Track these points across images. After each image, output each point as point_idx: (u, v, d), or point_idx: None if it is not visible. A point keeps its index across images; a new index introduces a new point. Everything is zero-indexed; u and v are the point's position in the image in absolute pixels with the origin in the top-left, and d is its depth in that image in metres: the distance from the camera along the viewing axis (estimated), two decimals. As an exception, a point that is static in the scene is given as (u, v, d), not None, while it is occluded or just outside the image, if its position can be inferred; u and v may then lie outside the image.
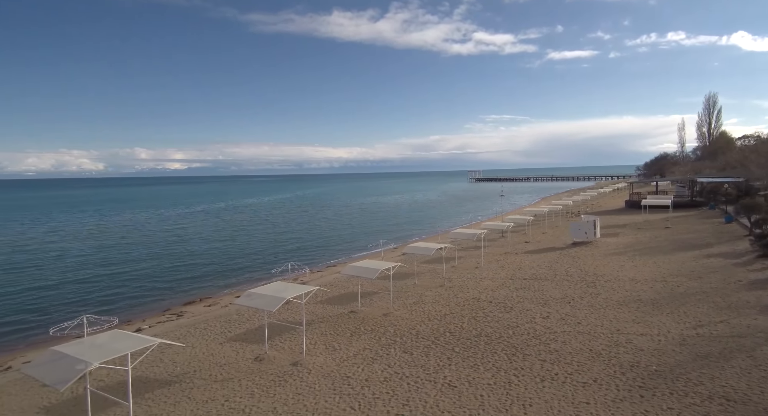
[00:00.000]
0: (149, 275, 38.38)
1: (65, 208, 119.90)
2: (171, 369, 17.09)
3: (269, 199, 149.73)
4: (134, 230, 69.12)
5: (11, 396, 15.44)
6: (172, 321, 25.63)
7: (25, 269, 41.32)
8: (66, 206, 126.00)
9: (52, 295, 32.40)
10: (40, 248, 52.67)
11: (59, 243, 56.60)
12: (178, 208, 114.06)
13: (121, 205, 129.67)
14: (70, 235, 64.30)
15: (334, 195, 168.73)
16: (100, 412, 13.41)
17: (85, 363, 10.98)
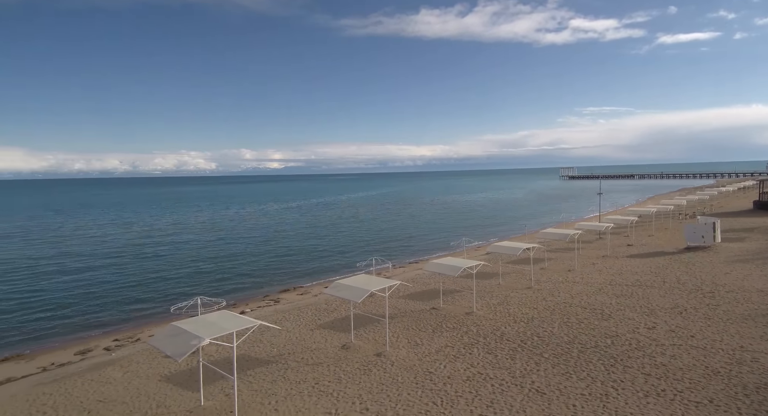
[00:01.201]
0: (251, 265, 42.17)
1: (184, 203, 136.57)
2: (269, 349, 18.65)
3: (355, 196, 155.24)
4: (239, 224, 76.33)
5: (139, 364, 18.06)
6: (270, 306, 27.90)
7: (151, 255, 47.89)
8: (185, 201, 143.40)
9: (172, 278, 37.18)
10: (163, 238, 60.68)
11: (179, 234, 64.64)
12: (276, 204, 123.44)
13: (228, 201, 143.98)
14: (187, 227, 73.13)
15: (417, 193, 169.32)
16: (210, 384, 15.10)
17: (199, 338, 12.45)
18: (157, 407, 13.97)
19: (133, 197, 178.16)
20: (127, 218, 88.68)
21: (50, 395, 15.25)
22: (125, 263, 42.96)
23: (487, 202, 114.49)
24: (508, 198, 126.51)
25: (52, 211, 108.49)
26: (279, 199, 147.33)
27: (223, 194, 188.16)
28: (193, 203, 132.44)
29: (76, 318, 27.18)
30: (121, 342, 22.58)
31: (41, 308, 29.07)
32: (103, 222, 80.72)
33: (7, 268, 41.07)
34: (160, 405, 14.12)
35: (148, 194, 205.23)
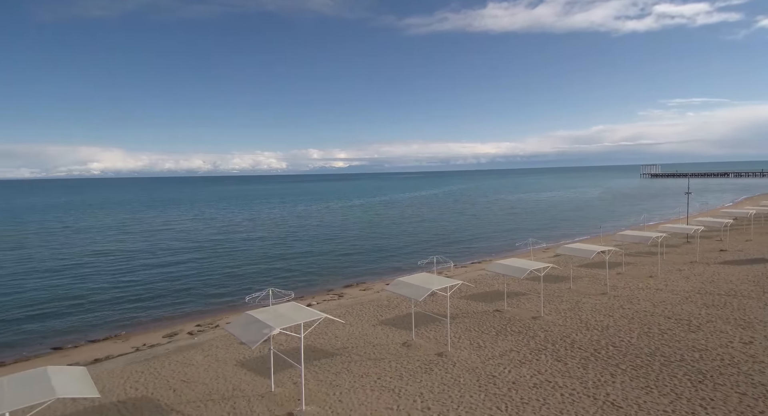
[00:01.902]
0: (317, 260, 43.85)
1: (258, 200, 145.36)
2: (333, 342, 19.29)
3: (417, 195, 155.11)
4: (306, 221, 79.66)
5: (218, 349, 19.52)
6: (334, 300, 28.82)
7: (229, 249, 51.51)
8: (259, 198, 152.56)
9: (246, 271, 39.75)
10: (239, 233, 65.03)
11: (253, 230, 68.93)
12: (341, 202, 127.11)
13: (297, 198, 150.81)
14: (260, 223, 77.75)
15: (481, 191, 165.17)
16: (279, 371, 15.95)
17: (270, 328, 13.20)
18: (232, 390, 15.04)
19: (214, 193, 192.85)
20: (209, 214, 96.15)
21: (141, 373, 17.02)
22: (206, 256, 46.63)
23: (557, 201, 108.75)
24: (580, 197, 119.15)
25: (145, 206, 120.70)
26: (343, 197, 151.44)
27: (292, 192, 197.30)
28: (266, 201, 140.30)
29: (165, 304, 30.04)
30: (202, 328, 24.60)
31: (135, 294, 32.49)
32: (187, 217, 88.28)
33: (107, 259, 46.38)
34: (235, 388, 15.18)
35: (226, 191, 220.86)
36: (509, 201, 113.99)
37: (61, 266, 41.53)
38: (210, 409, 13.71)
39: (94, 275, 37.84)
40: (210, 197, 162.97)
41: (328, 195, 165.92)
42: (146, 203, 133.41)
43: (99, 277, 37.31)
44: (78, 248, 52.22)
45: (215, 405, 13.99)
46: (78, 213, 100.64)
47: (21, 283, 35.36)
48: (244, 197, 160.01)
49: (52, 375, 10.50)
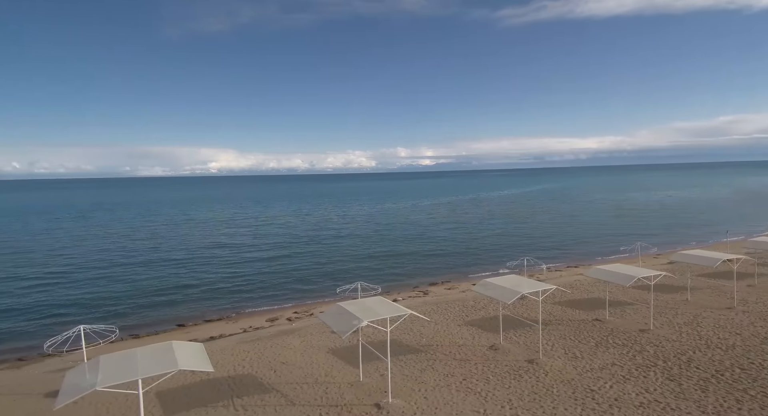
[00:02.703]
0: (404, 256, 44.50)
1: (350, 196, 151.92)
2: (418, 338, 19.48)
3: (507, 193, 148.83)
4: (394, 218, 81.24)
5: (312, 336, 20.86)
6: (419, 297, 29.03)
7: (322, 243, 54.62)
8: (350, 195, 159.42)
9: (338, 264, 41.83)
10: (332, 228, 68.60)
11: (344, 225, 72.25)
12: (428, 200, 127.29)
13: (386, 196, 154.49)
14: (351, 219, 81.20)
15: (580, 190, 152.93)
16: (367, 362, 16.56)
17: (359, 319, 13.77)
18: (325, 375, 16.00)
19: (310, 191, 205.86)
20: (306, 210, 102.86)
21: (248, 352, 18.89)
22: (302, 250, 50.01)
23: (673, 202, 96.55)
24: (703, 198, 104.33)
25: (253, 202, 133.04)
26: (430, 195, 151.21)
27: (381, 190, 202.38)
28: (356, 198, 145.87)
29: (267, 292, 32.91)
30: (299, 315, 26.50)
31: (243, 281, 36.08)
32: (287, 213, 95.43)
33: (221, 251, 52.06)
34: (327, 374, 16.13)
35: (321, 188, 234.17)
36: (614, 201, 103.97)
37: (184, 256, 47.67)
38: (305, 392, 14.75)
39: (210, 264, 42.81)
40: (307, 194, 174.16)
41: (415, 193, 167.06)
42: (254, 199, 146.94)
43: (214, 266, 42.12)
44: (197, 239, 59.47)
45: (309, 388, 15.01)
46: (199, 208, 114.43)
47: (153, 269, 41.35)
48: (337, 195, 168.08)
49: (176, 349, 12.16)
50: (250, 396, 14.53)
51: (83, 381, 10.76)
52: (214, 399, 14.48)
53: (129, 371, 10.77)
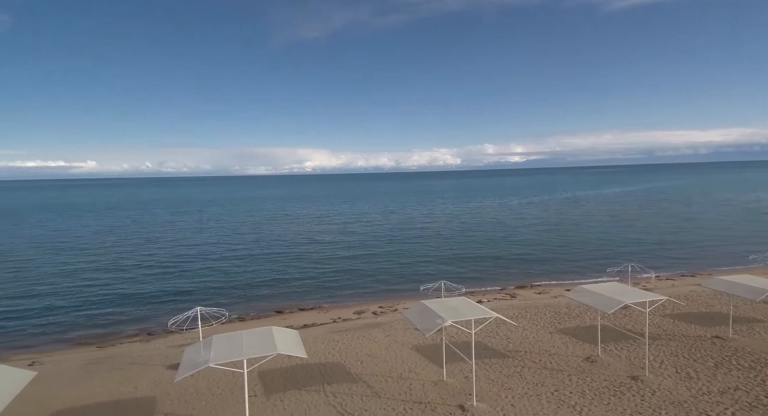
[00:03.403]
0: (490, 256, 43.20)
1: (434, 194, 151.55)
2: (504, 343, 18.82)
3: (608, 192, 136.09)
4: (480, 217, 79.20)
5: (396, 331, 21.28)
6: (505, 300, 28.00)
7: (406, 241, 55.25)
8: (435, 193, 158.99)
9: (422, 261, 42.03)
10: (416, 226, 69.06)
11: (429, 223, 72.29)
12: (516, 198, 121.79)
13: (471, 194, 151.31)
14: (435, 217, 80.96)
15: (698, 189, 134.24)
16: (451, 363, 16.46)
17: (442, 319, 13.74)
18: (408, 371, 16.26)
19: (396, 189, 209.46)
20: (391, 207, 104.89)
21: (337, 342, 19.90)
22: (387, 246, 51.11)
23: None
24: None
25: (342, 199, 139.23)
26: (519, 193, 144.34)
27: (466, 187, 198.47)
28: (441, 196, 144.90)
29: (355, 285, 34.33)
30: (384, 310, 27.22)
31: (334, 274, 38.02)
32: (373, 210, 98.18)
33: (312, 246, 55.33)
34: (411, 370, 16.37)
35: (406, 186, 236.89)
36: (742, 202, 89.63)
37: (282, 249, 51.62)
38: (389, 385, 15.14)
39: (304, 258, 45.82)
40: (392, 192, 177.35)
41: (503, 191, 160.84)
42: (343, 197, 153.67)
43: (307, 259, 45.00)
44: (292, 234, 63.94)
45: (394, 382, 15.38)
46: (294, 204, 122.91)
47: (256, 260, 45.41)
48: (421, 193, 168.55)
49: (275, 334, 13.28)
50: (339, 384, 15.33)
51: (199, 357, 12.27)
52: (306, 383, 15.54)
53: (236, 351, 12.04)
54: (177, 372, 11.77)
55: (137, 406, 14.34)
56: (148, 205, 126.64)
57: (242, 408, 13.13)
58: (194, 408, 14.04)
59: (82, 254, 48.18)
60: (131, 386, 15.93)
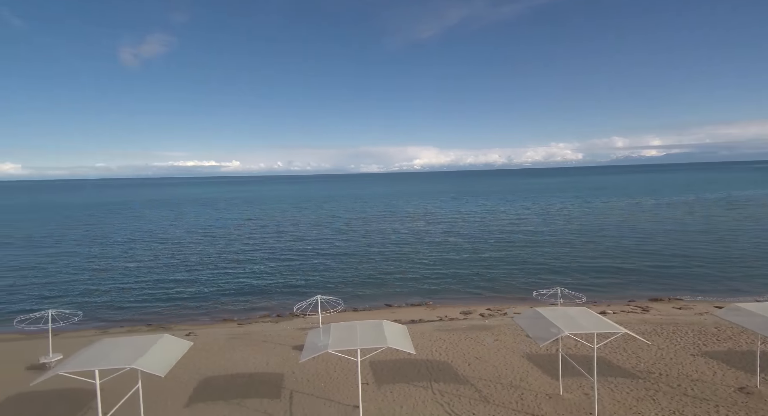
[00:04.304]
0: (615, 261, 38.86)
1: (550, 192, 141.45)
2: (634, 362, 16.85)
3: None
4: (604, 218, 71.57)
5: (506, 336, 20.48)
6: (635, 313, 24.98)
7: (518, 242, 52.60)
8: (550, 191, 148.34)
9: (533, 264, 39.65)
10: (527, 225, 65.33)
11: (542, 224, 67.81)
12: (652, 198, 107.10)
13: (594, 193, 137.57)
14: (550, 216, 75.58)
15: None
16: (568, 377, 15.32)
17: (559, 329, 12.87)
18: (520, 380, 15.59)
19: (506, 186, 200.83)
20: (501, 206, 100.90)
21: (443, 341, 19.97)
22: (495, 246, 49.35)
23: None
24: None
25: (450, 197, 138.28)
26: (656, 193, 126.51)
27: (589, 186, 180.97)
28: (558, 194, 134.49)
29: (461, 284, 33.93)
30: (492, 312, 26.46)
31: (441, 272, 38.08)
32: (482, 209, 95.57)
33: (419, 244, 55.99)
34: (522, 379, 15.67)
35: (518, 184, 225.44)
36: None
37: (390, 245, 53.39)
38: (499, 392, 14.72)
39: (411, 255, 46.75)
40: (503, 190, 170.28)
41: (634, 190, 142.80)
42: (451, 195, 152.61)
43: (415, 255, 45.82)
44: (401, 231, 65.60)
45: (503, 389, 14.91)
46: (403, 201, 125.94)
47: (367, 255, 47.71)
48: (535, 191, 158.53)
49: (386, 328, 13.90)
50: (446, 384, 15.40)
51: (319, 341, 13.47)
52: (414, 377, 15.95)
53: (351, 340, 12.93)
54: (302, 354, 13.07)
55: (269, 380, 16.28)
56: (277, 201, 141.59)
57: (356, 393, 14.04)
58: (314, 387, 15.45)
59: (226, 242, 56.05)
60: (264, 361, 18.13)
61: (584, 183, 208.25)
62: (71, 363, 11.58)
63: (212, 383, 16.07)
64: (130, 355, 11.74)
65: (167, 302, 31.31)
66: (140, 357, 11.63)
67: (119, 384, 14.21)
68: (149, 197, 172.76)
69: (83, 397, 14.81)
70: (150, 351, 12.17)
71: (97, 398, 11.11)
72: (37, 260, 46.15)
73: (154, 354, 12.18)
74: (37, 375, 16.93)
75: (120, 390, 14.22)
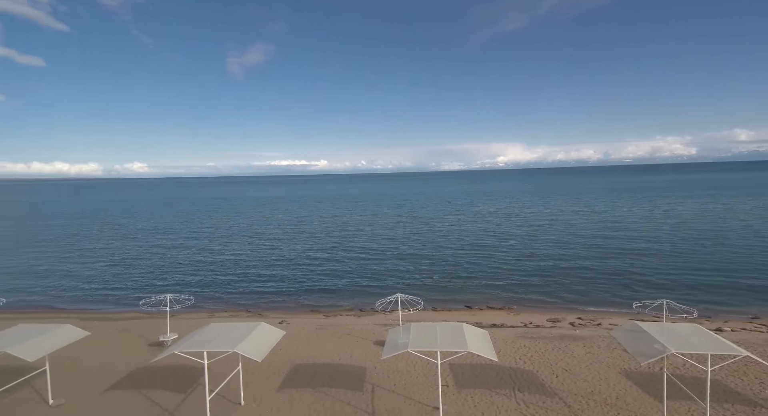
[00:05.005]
0: (736, 273, 33.82)
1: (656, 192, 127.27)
2: (757, 389, 14.59)
3: None
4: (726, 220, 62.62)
5: (600, 349, 18.91)
6: (760, 332, 21.56)
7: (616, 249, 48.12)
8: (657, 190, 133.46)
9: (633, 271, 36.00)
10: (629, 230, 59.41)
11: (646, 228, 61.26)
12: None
13: (714, 191, 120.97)
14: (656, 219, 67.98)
15: None
16: (674, 399, 13.77)
17: (663, 346, 11.61)
18: (616, 399, 14.35)
19: (602, 185, 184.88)
20: (595, 207, 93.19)
21: (528, 349, 19.07)
22: (586, 250, 45.72)
23: None
24: None
25: (536, 196, 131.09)
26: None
27: (703, 185, 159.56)
28: (666, 194, 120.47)
29: (549, 289, 32.05)
30: (583, 322, 24.67)
31: (524, 275, 36.35)
32: (573, 209, 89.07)
33: (500, 244, 53.91)
34: (619, 398, 14.41)
35: (617, 182, 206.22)
36: None
37: (470, 244, 52.18)
38: (592, 409, 13.72)
39: (493, 255, 45.27)
40: (597, 189, 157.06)
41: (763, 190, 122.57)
42: (537, 193, 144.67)
43: (497, 257, 44.27)
44: (482, 230, 63.82)
45: (597, 406, 13.85)
46: (484, 200, 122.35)
47: (448, 253, 47.19)
48: (637, 190, 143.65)
49: (466, 332, 13.70)
50: (531, 394, 14.73)
51: (399, 339, 13.72)
52: (496, 384, 15.50)
53: (430, 342, 12.97)
54: (383, 350, 13.43)
55: (352, 372, 16.99)
56: (360, 198, 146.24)
57: (435, 394, 14.07)
58: (395, 384, 15.77)
59: (312, 238, 59.35)
60: (348, 353, 18.94)
61: (698, 182, 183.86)
62: (184, 344, 13.19)
63: (301, 370, 17.20)
64: (233, 340, 13.04)
65: (263, 292, 34.09)
66: (241, 342, 12.87)
67: (223, 365, 15.87)
68: (248, 195, 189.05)
69: (193, 374, 16.78)
70: (249, 337, 13.40)
71: (204, 376, 12.52)
72: (156, 251, 53.12)
73: (253, 341, 13.39)
74: (156, 351, 19.59)
75: (223, 370, 15.88)
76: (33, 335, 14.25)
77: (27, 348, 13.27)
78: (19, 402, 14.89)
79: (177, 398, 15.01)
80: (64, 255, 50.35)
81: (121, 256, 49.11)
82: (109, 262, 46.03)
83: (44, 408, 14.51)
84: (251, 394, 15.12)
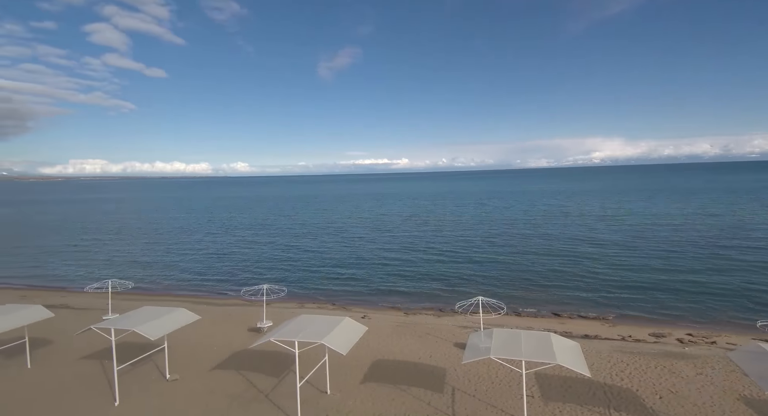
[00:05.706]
0: None
1: None
2: None
3: None
4: None
5: (714, 371, 16.67)
6: None
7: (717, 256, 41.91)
8: None
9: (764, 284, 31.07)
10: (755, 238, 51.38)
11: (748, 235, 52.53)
12: None
13: None
14: None
15: None
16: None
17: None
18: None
19: (719, 183, 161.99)
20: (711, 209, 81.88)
21: (627, 364, 17.47)
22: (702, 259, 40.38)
23: None
24: None
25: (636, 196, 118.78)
26: None
27: None
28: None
29: (652, 300, 28.95)
30: (694, 339, 21.94)
31: (622, 283, 33.22)
32: (685, 211, 79.25)
33: (591, 248, 49.79)
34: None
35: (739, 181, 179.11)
36: None
37: (560, 248, 48.98)
38: (699, 437, 12.23)
39: (585, 259, 42.02)
40: (714, 188, 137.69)
41: None
42: (639, 194, 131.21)
43: (589, 261, 41.03)
44: (572, 232, 59.57)
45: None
46: (577, 200, 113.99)
47: (533, 256, 44.87)
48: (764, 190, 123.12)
49: (555, 342, 12.96)
50: (630, 415, 13.53)
51: (481, 344, 13.47)
52: (588, 401, 14.48)
53: (515, 350, 12.51)
54: (464, 354, 13.30)
55: (432, 372, 17.06)
56: (440, 197, 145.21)
57: (519, 404, 13.58)
58: (477, 389, 15.50)
59: (391, 237, 60.36)
60: (427, 353, 19.05)
61: None
62: (278, 332, 14.31)
63: (382, 365, 17.68)
64: (321, 332, 13.87)
65: (347, 287, 35.55)
66: (328, 334, 13.64)
67: (312, 354, 16.93)
68: (334, 193, 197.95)
69: (285, 360, 18.13)
70: (335, 330, 14.15)
71: (295, 363, 13.48)
72: (253, 245, 58.12)
73: (339, 334, 14.11)
74: (254, 335, 21.48)
75: (312, 359, 16.94)
76: (155, 316, 16.34)
77: (150, 328, 15.30)
78: (142, 375, 17.33)
79: (272, 381, 16.36)
80: (178, 245, 57.40)
81: (224, 249, 54.60)
82: (216, 253, 51.51)
83: (162, 381, 16.72)
84: (336, 384, 15.93)
